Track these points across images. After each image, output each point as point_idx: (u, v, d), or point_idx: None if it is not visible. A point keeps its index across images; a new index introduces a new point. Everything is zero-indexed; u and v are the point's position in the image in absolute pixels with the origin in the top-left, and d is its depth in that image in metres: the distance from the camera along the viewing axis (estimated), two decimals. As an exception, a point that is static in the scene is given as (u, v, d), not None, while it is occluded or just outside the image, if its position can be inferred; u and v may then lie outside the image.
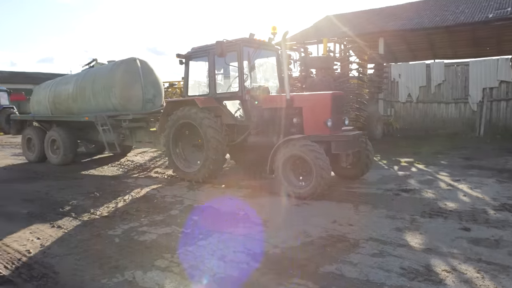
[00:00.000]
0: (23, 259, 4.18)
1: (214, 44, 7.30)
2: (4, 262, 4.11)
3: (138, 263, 3.91)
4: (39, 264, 4.01)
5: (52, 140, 10.65)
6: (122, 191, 7.16)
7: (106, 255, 4.18)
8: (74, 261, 4.04)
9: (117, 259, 4.05)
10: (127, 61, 9.73)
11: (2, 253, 4.37)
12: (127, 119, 9.25)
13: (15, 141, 16.44)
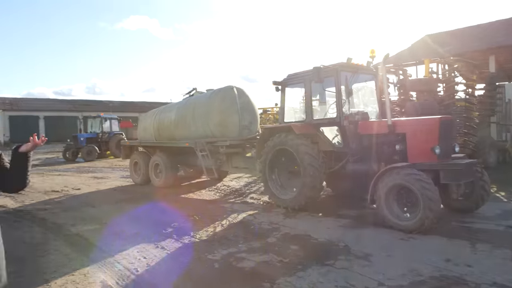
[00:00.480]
0: (132, 277, 4.40)
1: (311, 70, 7.26)
2: (116, 278, 4.38)
3: (237, 291, 3.87)
4: (145, 283, 4.18)
5: (156, 164, 11.41)
6: (219, 216, 7.30)
7: (206, 280, 4.21)
8: (178, 283, 4.13)
9: (218, 286, 4.04)
10: (224, 89, 10.14)
11: (113, 269, 4.67)
12: (225, 145, 9.55)
13: (124, 165, 17.99)
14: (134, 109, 50.17)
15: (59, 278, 4.47)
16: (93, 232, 6.46)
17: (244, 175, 12.41)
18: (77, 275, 4.54)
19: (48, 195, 10.41)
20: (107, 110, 41.12)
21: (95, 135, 23.99)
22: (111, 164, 19.70)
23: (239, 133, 9.93)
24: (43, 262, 5.02)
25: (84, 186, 12.02)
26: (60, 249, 5.56)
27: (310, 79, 7.52)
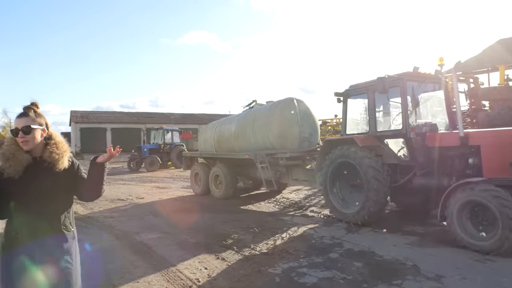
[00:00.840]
0: (193, 287, 4.41)
1: (374, 81, 7.01)
2: (178, 287, 4.41)
3: (301, 308, 3.73)
4: (207, 295, 4.17)
5: (216, 175, 11.58)
6: (279, 229, 7.20)
7: (268, 294, 4.12)
8: (238, 297, 4.09)
9: (279, 300, 3.94)
10: (284, 101, 10.10)
11: (176, 278, 4.72)
12: (284, 157, 9.47)
13: (184, 175, 18.49)
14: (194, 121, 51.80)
15: (125, 284, 4.60)
16: (156, 240, 6.62)
17: (304, 188, 12.23)
18: (141, 282, 4.64)
19: (115, 203, 10.89)
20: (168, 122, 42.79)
21: (157, 146, 24.96)
22: (172, 174, 20.33)
23: (299, 145, 9.82)
24: (110, 269, 5.19)
25: (147, 195, 12.46)
26: (126, 256, 5.75)
27: (373, 90, 7.27)
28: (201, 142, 13.62)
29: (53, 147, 2.53)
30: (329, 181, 7.82)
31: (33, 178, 2.43)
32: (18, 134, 2.41)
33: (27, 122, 2.42)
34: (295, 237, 6.63)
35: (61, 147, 2.56)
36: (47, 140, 2.55)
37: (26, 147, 2.43)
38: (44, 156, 2.50)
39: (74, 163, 2.67)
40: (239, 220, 8.16)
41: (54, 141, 2.55)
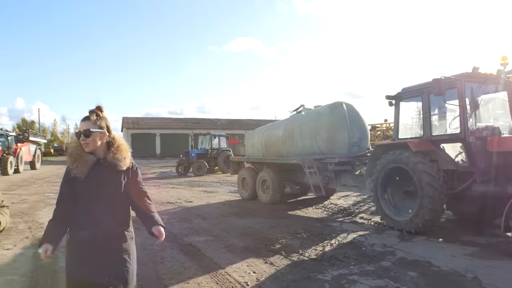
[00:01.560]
0: (242, 291, 4.39)
1: (429, 82, 6.72)
2: (227, 291, 4.41)
3: (353, 316, 3.59)
4: (256, 299, 4.12)
5: (263, 180, 11.56)
6: (328, 235, 7.04)
7: (318, 301, 4.01)
8: (288, 302, 4.01)
9: (330, 307, 3.82)
10: (333, 105, 9.93)
11: (225, 281, 4.72)
12: (333, 162, 9.28)
13: (231, 180, 18.64)
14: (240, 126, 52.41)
15: (175, 284, 4.66)
16: (204, 243, 6.68)
17: (353, 194, 11.93)
18: (191, 284, 4.68)
19: (164, 206, 11.15)
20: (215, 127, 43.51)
21: (204, 151, 25.39)
22: (219, 179, 20.58)
23: (348, 150, 9.59)
24: (161, 269, 5.29)
25: (195, 199, 12.66)
26: (176, 257, 5.84)
27: (428, 92, 6.96)
28: (248, 147, 13.68)
29: (115, 149, 2.65)
30: (380, 187, 7.55)
31: (97, 179, 2.55)
32: (80, 137, 2.56)
33: (87, 126, 2.55)
34: (345, 243, 6.45)
35: (123, 149, 2.68)
36: (110, 142, 2.67)
37: (86, 149, 2.56)
38: (107, 157, 2.62)
39: (134, 166, 2.78)
40: (287, 225, 8.07)
41: (117, 144, 2.67)
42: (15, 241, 7.03)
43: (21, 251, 6.37)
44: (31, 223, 8.75)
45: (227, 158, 22.07)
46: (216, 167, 25.16)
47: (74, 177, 2.53)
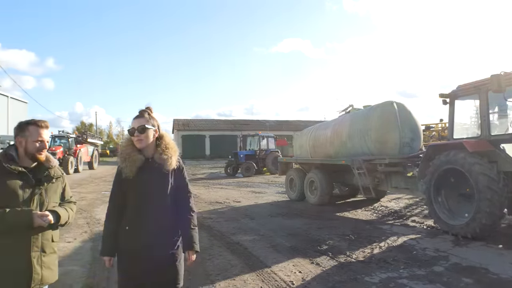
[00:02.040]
0: (287, 290, 4.40)
1: (488, 79, 6.35)
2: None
3: (401, 320, 3.48)
4: (301, 298, 4.11)
5: (311, 181, 11.46)
6: (377, 237, 6.86)
7: (365, 303, 3.93)
8: (333, 303, 3.96)
9: (377, 310, 3.73)
10: (383, 105, 9.66)
11: (271, 279, 4.75)
12: (383, 163, 9.02)
13: (279, 181, 18.65)
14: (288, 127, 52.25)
15: (222, 281, 4.75)
16: (252, 242, 6.75)
17: (404, 196, 11.54)
18: (237, 281, 4.76)
19: (213, 206, 11.38)
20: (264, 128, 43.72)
21: (253, 152, 25.57)
22: (267, 180, 20.67)
23: (399, 151, 9.28)
24: (209, 265, 5.42)
25: (243, 199, 12.81)
26: (223, 255, 5.95)
27: (487, 89, 6.59)
28: (296, 148, 13.63)
29: (163, 148, 2.69)
30: (433, 189, 7.24)
31: (145, 178, 2.62)
32: (134, 133, 2.64)
33: (142, 123, 2.64)
34: (394, 246, 6.25)
35: (170, 148, 2.71)
36: (158, 141, 2.72)
37: (139, 145, 2.64)
38: (155, 157, 2.66)
39: (180, 167, 2.80)
40: (335, 226, 7.95)
41: (164, 143, 2.71)
42: (75, 235, 7.48)
43: (80, 244, 6.77)
44: (89, 219, 9.28)
45: (275, 159, 22.10)
46: (264, 168, 25.28)
47: (124, 176, 2.63)
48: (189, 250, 2.74)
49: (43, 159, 2.58)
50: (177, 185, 2.74)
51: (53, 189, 2.62)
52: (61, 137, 27.55)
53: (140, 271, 2.58)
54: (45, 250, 2.50)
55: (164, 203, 2.65)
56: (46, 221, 2.41)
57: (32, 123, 2.56)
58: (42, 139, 2.56)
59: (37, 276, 2.43)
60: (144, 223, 2.60)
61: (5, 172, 2.42)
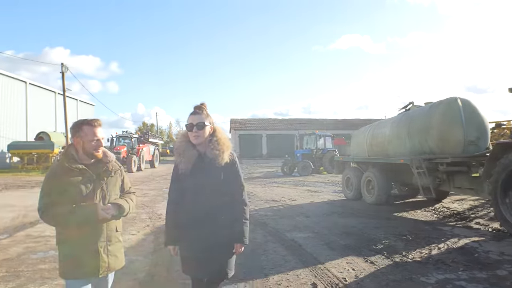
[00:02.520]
0: (340, 285, 4.45)
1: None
2: (325, 283, 4.53)
3: (456, 321, 3.40)
4: (353, 294, 4.14)
5: (368, 180, 11.25)
6: (436, 238, 6.63)
7: (418, 302, 3.87)
8: (386, 301, 3.95)
9: (431, 310, 3.67)
10: (446, 102, 9.24)
11: (323, 275, 4.81)
12: (445, 162, 8.65)
13: (335, 180, 18.44)
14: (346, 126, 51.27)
15: (276, 275, 4.89)
16: (306, 239, 6.82)
17: (469, 197, 10.98)
18: (290, 275, 4.87)
19: (269, 204, 11.56)
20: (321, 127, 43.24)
21: (310, 151, 25.48)
22: (324, 179, 20.52)
23: (463, 150, 8.83)
24: (263, 260, 5.57)
25: (299, 198, 12.86)
26: (277, 251, 6.08)
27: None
28: (353, 147, 13.43)
29: (214, 143, 2.77)
30: (500, 190, 6.84)
31: (198, 173, 2.74)
32: (193, 129, 2.74)
33: (201, 119, 2.75)
34: (454, 248, 6.01)
35: (222, 143, 2.78)
36: (211, 136, 2.81)
37: (196, 141, 2.75)
38: (207, 152, 2.76)
39: (234, 159, 2.87)
40: (392, 226, 7.79)
41: (217, 138, 2.79)
42: (138, 228, 7.99)
43: (143, 237, 7.23)
44: (151, 214, 9.83)
45: (332, 159, 21.86)
46: (321, 168, 25.09)
47: (180, 171, 2.79)
48: (238, 243, 2.83)
49: (100, 156, 2.73)
50: (230, 179, 2.82)
51: (113, 182, 2.79)
52: (125, 137, 29.25)
53: (196, 260, 2.75)
54: (111, 239, 2.71)
55: (217, 196, 2.75)
56: (109, 213, 2.61)
57: (85, 123, 2.70)
58: (98, 138, 2.69)
59: (104, 264, 2.64)
60: (198, 215, 2.73)
61: (67, 171, 2.61)
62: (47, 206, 2.54)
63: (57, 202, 2.54)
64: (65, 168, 2.60)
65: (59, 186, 2.57)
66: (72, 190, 2.57)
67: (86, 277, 2.63)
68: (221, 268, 2.81)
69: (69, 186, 2.57)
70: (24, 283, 4.67)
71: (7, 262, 5.58)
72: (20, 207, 10.79)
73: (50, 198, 2.55)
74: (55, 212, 2.52)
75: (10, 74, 33.44)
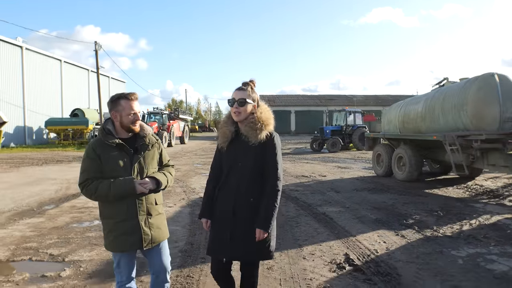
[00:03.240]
0: (371, 256, 4.63)
1: None
2: (357, 254, 4.72)
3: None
4: (385, 263, 4.34)
5: (399, 157, 11.25)
6: (468, 215, 6.68)
7: (447, 272, 4.04)
8: (416, 270, 4.13)
9: (460, 279, 3.83)
10: (482, 77, 9.05)
11: (355, 247, 5.01)
12: (479, 139, 8.54)
13: (365, 157, 18.41)
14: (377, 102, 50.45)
15: (309, 245, 5.13)
16: (337, 213, 7.01)
17: (504, 175, 10.82)
18: (323, 246, 5.09)
19: (299, 179, 11.75)
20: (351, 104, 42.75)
21: (339, 128, 25.34)
22: (353, 156, 20.48)
23: (499, 127, 8.68)
24: (296, 232, 5.82)
25: (329, 174, 12.99)
26: (310, 224, 6.31)
27: None
28: (384, 123, 13.35)
29: (250, 120, 2.67)
30: (535, 167, 6.79)
31: (233, 151, 2.72)
32: (234, 104, 2.68)
33: (243, 96, 2.66)
34: (486, 224, 6.07)
35: (260, 121, 2.66)
36: (252, 115, 2.70)
37: (236, 118, 2.68)
38: (243, 129, 2.69)
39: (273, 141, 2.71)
40: (422, 202, 7.86)
41: (256, 116, 2.68)
42: (174, 201, 8.38)
43: (180, 209, 7.60)
44: (185, 187, 10.23)
45: (362, 135, 21.74)
46: (350, 144, 24.99)
47: (219, 146, 2.80)
48: (260, 228, 2.62)
49: (137, 130, 2.75)
50: (265, 160, 2.68)
51: (150, 156, 2.80)
52: (156, 114, 29.95)
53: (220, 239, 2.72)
54: (151, 213, 2.73)
55: (247, 177, 2.67)
56: (146, 187, 2.63)
57: (122, 97, 2.71)
58: (135, 111, 2.70)
59: (147, 236, 2.68)
60: (229, 192, 2.71)
61: (105, 146, 2.64)
62: (87, 181, 2.61)
63: (95, 178, 2.61)
64: (102, 144, 2.64)
65: (97, 161, 2.62)
66: (109, 165, 2.62)
67: (130, 249, 2.70)
68: (246, 251, 2.68)
69: (106, 161, 2.61)
70: (75, 249, 5.09)
71: (57, 230, 6.04)
72: (62, 180, 11.44)
73: (89, 174, 2.62)
74: (94, 187, 2.58)
75: (46, 52, 34.56)
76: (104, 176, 2.60)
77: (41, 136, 32.17)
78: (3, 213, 7.18)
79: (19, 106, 29.62)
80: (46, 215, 7.09)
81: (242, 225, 2.64)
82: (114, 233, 2.66)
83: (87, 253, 4.93)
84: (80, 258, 4.70)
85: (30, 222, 6.52)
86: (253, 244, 2.63)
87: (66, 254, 4.88)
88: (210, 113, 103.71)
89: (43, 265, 4.53)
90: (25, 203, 8.09)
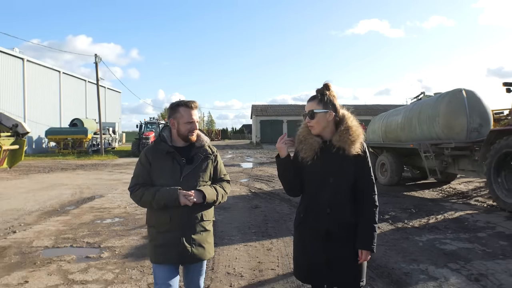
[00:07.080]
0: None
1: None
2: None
3: (433, 261, 4.70)
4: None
5: (382, 163, 12.41)
6: (436, 212, 7.81)
7: (409, 251, 5.15)
8: (384, 250, 5.25)
9: (417, 255, 4.95)
10: (452, 93, 10.25)
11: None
12: (450, 147, 9.71)
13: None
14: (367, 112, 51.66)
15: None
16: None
17: (476, 180, 12.02)
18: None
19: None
20: (341, 114, 43.60)
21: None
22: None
23: (467, 136, 9.88)
24: (290, 224, 6.81)
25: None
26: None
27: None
28: (369, 133, 14.52)
29: (343, 132, 2.38)
30: (493, 171, 7.94)
31: (321, 163, 2.38)
32: (306, 118, 2.47)
33: (311, 107, 2.43)
34: (449, 219, 7.21)
35: (352, 132, 2.39)
36: (339, 123, 2.44)
37: (312, 131, 2.43)
38: (333, 140, 2.39)
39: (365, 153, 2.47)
40: (399, 202, 8.98)
41: (345, 125, 2.41)
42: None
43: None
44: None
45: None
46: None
47: (300, 159, 2.44)
48: (364, 249, 2.38)
49: (194, 139, 2.65)
50: (359, 173, 2.42)
51: (203, 168, 2.65)
52: (152, 124, 31.15)
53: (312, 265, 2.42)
54: (195, 228, 2.56)
55: (341, 192, 2.38)
56: (191, 200, 2.46)
57: (182, 104, 2.61)
58: (193, 120, 2.60)
59: (186, 253, 2.52)
60: (320, 210, 2.38)
61: (157, 154, 2.60)
62: (135, 186, 2.59)
63: (145, 184, 2.58)
64: (155, 151, 2.61)
65: (147, 168, 2.60)
66: (158, 173, 2.57)
67: (166, 262, 2.55)
68: (345, 277, 2.39)
69: (156, 169, 2.57)
70: (106, 238, 6.11)
71: (86, 225, 7.04)
72: (73, 185, 12.37)
73: (138, 179, 2.60)
74: (140, 193, 2.54)
75: (46, 64, 35.54)
76: (153, 183, 2.58)
77: (41, 145, 32.99)
78: (32, 212, 8.17)
79: (20, 116, 30.40)
80: (70, 214, 8.09)
81: (338, 247, 2.36)
82: (153, 243, 2.59)
83: (117, 241, 5.93)
84: (113, 245, 5.72)
85: (59, 220, 7.51)
86: (355, 267, 2.40)
87: (100, 242, 5.90)
88: (203, 122, 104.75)
89: (84, 250, 5.55)
90: (48, 205, 9.07)
